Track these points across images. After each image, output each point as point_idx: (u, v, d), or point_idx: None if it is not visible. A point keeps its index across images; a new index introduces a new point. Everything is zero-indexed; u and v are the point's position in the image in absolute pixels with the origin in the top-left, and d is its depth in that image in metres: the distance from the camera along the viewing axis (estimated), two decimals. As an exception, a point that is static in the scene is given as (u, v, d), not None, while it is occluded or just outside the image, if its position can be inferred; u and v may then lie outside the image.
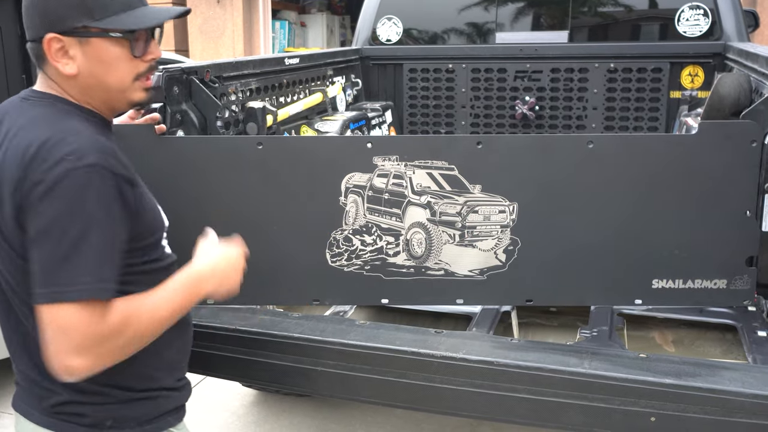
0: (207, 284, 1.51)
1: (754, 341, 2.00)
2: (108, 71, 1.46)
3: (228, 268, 1.57)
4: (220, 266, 1.56)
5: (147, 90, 1.54)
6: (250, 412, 3.62)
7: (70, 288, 1.27)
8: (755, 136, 1.90)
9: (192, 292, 1.48)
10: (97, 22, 1.42)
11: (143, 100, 1.55)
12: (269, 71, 3.22)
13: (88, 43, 1.43)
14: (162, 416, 1.52)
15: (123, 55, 1.46)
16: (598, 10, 4.35)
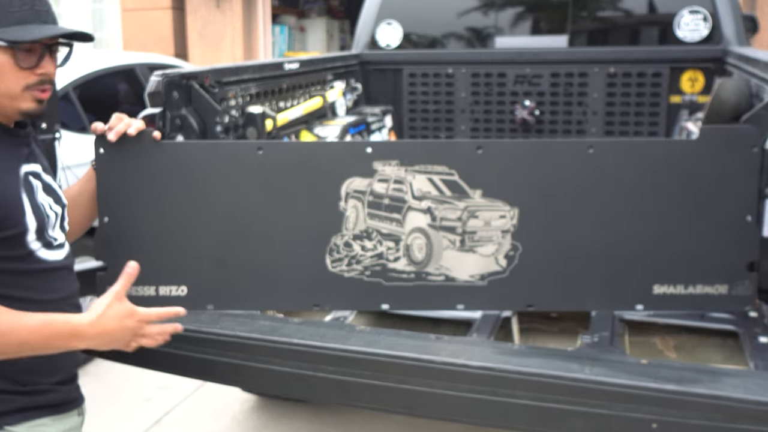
0: (82, 342, 1.49)
1: (755, 347, 1.99)
2: None
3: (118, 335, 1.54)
4: (109, 332, 1.52)
5: (39, 101, 1.55)
6: (250, 417, 3.61)
7: None
8: (755, 141, 1.90)
9: (52, 341, 1.47)
10: None
11: (33, 110, 1.56)
12: (269, 76, 3.22)
13: None
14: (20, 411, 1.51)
15: (8, 63, 1.49)
16: (598, 15, 4.35)
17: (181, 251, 2.02)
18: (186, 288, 2.00)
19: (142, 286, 1.98)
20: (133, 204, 2.00)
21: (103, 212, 1.97)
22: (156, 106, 2.38)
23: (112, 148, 1.93)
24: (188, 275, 2.01)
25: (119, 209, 1.98)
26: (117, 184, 1.97)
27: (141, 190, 1.99)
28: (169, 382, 3.83)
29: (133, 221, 2.00)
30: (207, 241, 2.02)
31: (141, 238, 2.01)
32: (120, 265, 1.94)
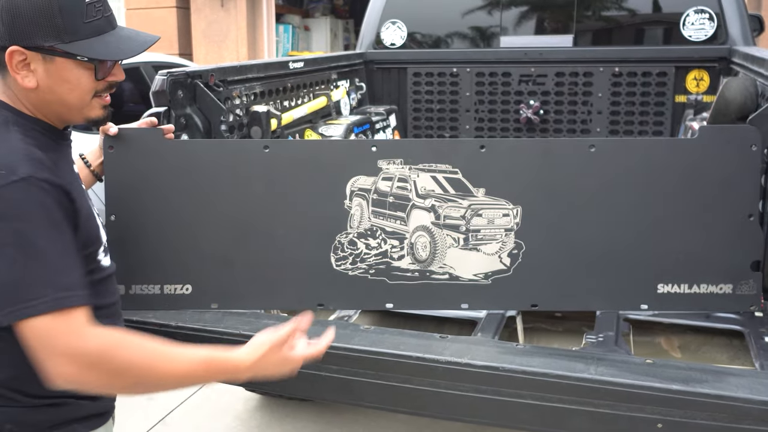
0: (233, 376, 1.47)
1: (761, 347, 1.98)
2: (69, 90, 1.46)
3: (272, 373, 1.52)
4: (265, 371, 1.51)
5: (104, 107, 1.54)
6: (254, 416, 3.61)
7: (35, 302, 1.28)
8: (754, 140, 1.90)
9: (214, 376, 1.48)
10: (66, 45, 1.42)
11: (100, 117, 1.55)
12: (273, 75, 3.22)
13: (52, 61, 1.43)
14: (68, 423, 1.48)
15: (86, 77, 1.47)
16: (603, 14, 4.34)
17: (186, 250, 2.02)
18: (190, 287, 2.00)
19: (147, 284, 1.98)
20: (140, 202, 2.00)
21: (110, 210, 1.98)
22: (161, 105, 2.37)
23: (120, 147, 1.94)
24: (193, 274, 2.01)
25: (127, 207, 1.99)
26: (124, 183, 1.97)
27: (148, 188, 1.99)
28: (173, 380, 3.83)
29: (139, 219, 2.00)
30: (212, 240, 2.02)
31: (147, 237, 2.01)
32: (126, 263, 1.95)
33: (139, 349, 1.38)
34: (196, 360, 1.41)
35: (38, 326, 1.29)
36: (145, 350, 1.38)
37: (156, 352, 1.39)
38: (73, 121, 1.53)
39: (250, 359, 1.47)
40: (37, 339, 1.30)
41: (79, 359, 1.31)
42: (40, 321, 1.28)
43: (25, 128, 1.44)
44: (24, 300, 1.28)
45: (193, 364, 1.41)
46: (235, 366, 1.46)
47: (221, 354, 1.45)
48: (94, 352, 1.32)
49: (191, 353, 1.41)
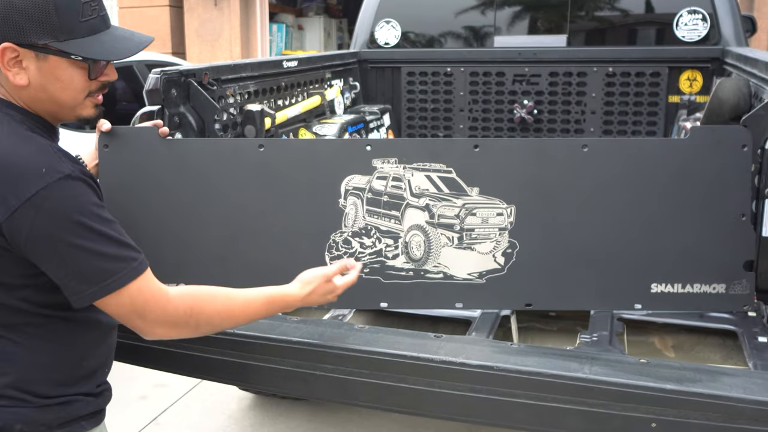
0: (289, 308, 1.71)
1: (754, 347, 1.99)
2: (62, 89, 1.46)
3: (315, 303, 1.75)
4: (311, 302, 1.73)
5: (96, 106, 1.55)
6: (247, 415, 3.61)
7: (117, 276, 1.40)
8: (745, 141, 1.91)
9: (273, 311, 1.68)
10: (60, 44, 1.41)
11: (91, 116, 1.55)
12: (267, 74, 3.21)
13: (45, 59, 1.42)
14: (75, 421, 1.51)
15: (79, 76, 1.46)
16: (597, 15, 4.35)
17: (181, 248, 2.02)
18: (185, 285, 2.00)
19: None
20: (135, 200, 2.00)
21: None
22: (154, 103, 2.37)
23: (116, 145, 1.93)
24: (188, 272, 2.01)
25: (121, 206, 1.98)
26: (120, 181, 1.96)
27: (143, 187, 1.99)
28: (165, 380, 3.83)
29: (134, 218, 1.99)
30: (207, 238, 2.02)
31: (142, 235, 1.99)
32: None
33: (216, 300, 1.57)
34: (261, 299, 1.63)
35: (121, 298, 1.42)
36: (220, 300, 1.57)
37: (229, 300, 1.58)
38: (64, 120, 1.53)
39: (302, 293, 1.70)
40: (122, 309, 1.44)
41: (168, 321, 1.48)
42: (122, 293, 1.41)
43: (30, 125, 1.45)
44: (102, 279, 1.39)
45: (259, 303, 1.62)
46: (292, 299, 1.68)
47: (278, 291, 1.67)
48: (184, 312, 1.50)
49: (255, 294, 1.62)
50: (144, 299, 1.44)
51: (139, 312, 1.45)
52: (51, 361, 1.47)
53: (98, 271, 1.39)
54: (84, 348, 1.52)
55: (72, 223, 1.36)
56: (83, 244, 1.37)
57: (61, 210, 1.35)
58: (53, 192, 1.34)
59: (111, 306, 1.43)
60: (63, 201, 1.35)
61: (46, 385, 1.46)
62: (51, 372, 1.47)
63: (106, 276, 1.40)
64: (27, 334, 1.45)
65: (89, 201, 1.40)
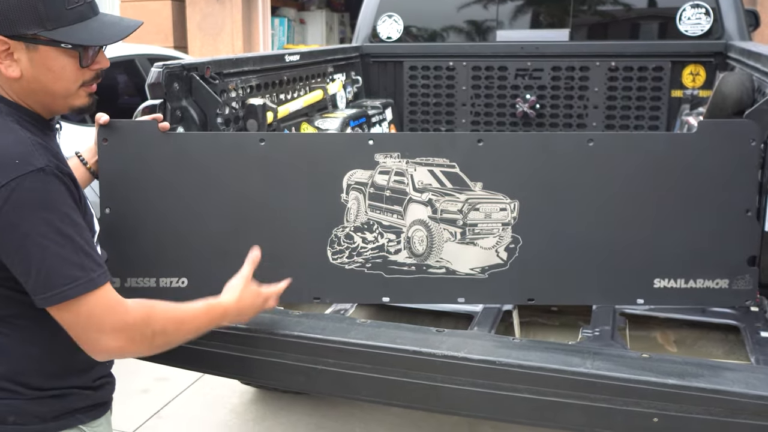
0: (227, 319, 1.72)
1: (756, 342, 1.99)
2: (54, 79, 1.45)
3: (250, 311, 1.77)
4: (244, 309, 1.75)
5: (90, 95, 1.54)
6: (249, 409, 3.61)
7: (72, 285, 1.35)
8: (754, 135, 1.90)
9: (213, 321, 1.66)
10: (49, 32, 1.41)
11: (85, 105, 1.55)
12: (270, 68, 3.21)
13: (35, 49, 1.42)
14: (70, 413, 1.50)
15: (71, 64, 1.46)
16: (599, 9, 4.34)
17: (181, 242, 2.02)
18: (186, 280, 2.00)
19: (143, 277, 1.97)
20: (134, 195, 1.99)
21: (105, 203, 1.97)
22: (157, 97, 2.36)
23: (115, 139, 1.93)
24: (188, 267, 2.01)
25: (121, 200, 1.98)
26: (119, 175, 1.96)
27: (143, 181, 1.98)
28: (167, 373, 3.83)
29: (134, 212, 1.99)
30: (208, 233, 2.01)
31: (142, 229, 2.00)
32: (121, 256, 1.94)
33: (168, 309, 1.54)
34: (202, 307, 1.62)
35: (79, 307, 1.37)
36: (170, 308, 1.54)
37: (178, 308, 1.56)
38: (58, 111, 1.53)
39: (232, 299, 1.70)
40: (79, 319, 1.38)
41: (126, 332, 1.43)
42: (80, 302, 1.37)
43: (17, 118, 1.44)
44: (60, 285, 1.35)
45: (201, 311, 1.61)
46: (225, 305, 1.68)
47: (214, 301, 1.66)
48: (138, 323, 1.45)
49: (197, 303, 1.61)
50: (102, 310, 1.39)
51: (96, 324, 1.39)
52: (42, 353, 1.46)
53: (58, 275, 1.35)
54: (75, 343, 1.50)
55: (38, 219, 1.33)
56: (46, 243, 1.33)
57: (29, 203, 1.33)
58: (23, 183, 1.32)
59: (66, 315, 1.38)
60: (32, 194, 1.33)
61: (38, 377, 1.46)
62: (43, 364, 1.46)
63: (66, 281, 1.35)
64: (17, 325, 1.44)
65: (59, 199, 1.37)
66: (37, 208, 1.33)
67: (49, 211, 1.35)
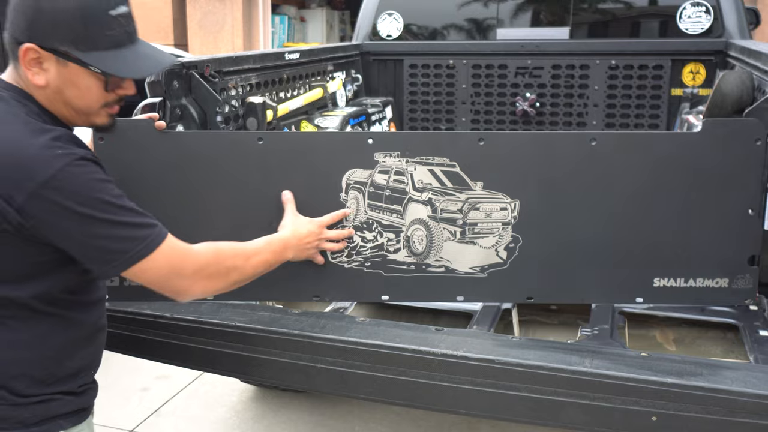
0: (290, 252, 1.81)
1: (755, 341, 1.99)
2: (78, 96, 1.47)
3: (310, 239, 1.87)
4: (303, 238, 1.85)
5: (111, 116, 1.57)
6: (249, 407, 3.62)
7: (144, 243, 1.45)
8: (759, 135, 1.89)
9: (277, 254, 1.76)
10: (81, 54, 1.43)
11: (105, 125, 1.58)
12: (269, 66, 3.21)
13: (65, 65, 1.43)
14: (53, 419, 1.50)
15: (96, 87, 1.48)
16: (600, 7, 4.34)
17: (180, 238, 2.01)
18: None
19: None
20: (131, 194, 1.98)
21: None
22: (156, 95, 2.36)
23: (111, 138, 1.92)
24: None
25: None
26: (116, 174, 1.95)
27: (140, 180, 1.98)
28: (167, 371, 3.84)
29: None
30: (206, 232, 2.01)
31: None
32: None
33: (233, 248, 1.66)
34: (262, 244, 1.74)
35: (157, 260, 1.47)
36: (235, 247, 1.67)
37: (241, 246, 1.69)
38: (77, 124, 1.55)
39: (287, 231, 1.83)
40: (161, 270, 1.49)
41: (204, 272, 1.55)
42: (158, 255, 1.46)
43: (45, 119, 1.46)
44: (137, 244, 1.44)
45: (261, 243, 1.73)
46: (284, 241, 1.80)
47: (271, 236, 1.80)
48: (211, 262, 1.57)
49: (257, 241, 1.74)
50: (178, 257, 1.51)
51: (177, 270, 1.50)
52: (31, 358, 1.46)
53: (131, 238, 1.44)
54: (67, 348, 1.51)
55: (93, 199, 1.40)
56: (108, 217, 1.41)
57: (80, 186, 1.38)
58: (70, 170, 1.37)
59: (148, 272, 1.47)
60: (79, 178, 1.38)
61: (23, 383, 1.46)
62: (30, 369, 1.46)
63: (141, 240, 1.45)
64: (9, 327, 1.44)
65: (103, 178, 1.44)
66: (88, 190, 1.39)
67: (98, 191, 1.41)
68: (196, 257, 1.54)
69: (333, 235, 1.94)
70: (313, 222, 1.90)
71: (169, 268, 1.49)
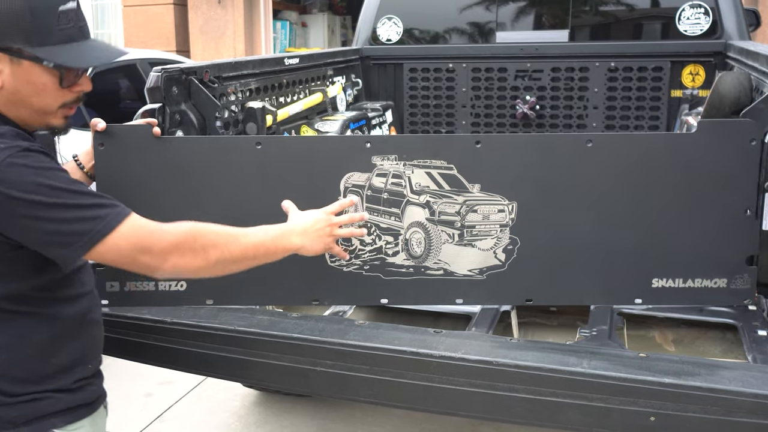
0: (295, 238, 1.71)
1: (754, 340, 1.99)
2: (34, 94, 1.47)
3: (318, 226, 1.76)
4: (309, 227, 1.75)
5: (66, 118, 1.56)
6: (251, 412, 3.62)
7: (103, 222, 1.41)
8: (755, 135, 1.89)
9: (276, 240, 1.67)
10: (33, 49, 1.43)
11: (60, 126, 1.57)
12: (269, 71, 3.22)
13: (19, 63, 1.43)
14: (44, 417, 1.49)
15: (52, 83, 1.48)
16: (599, 9, 4.34)
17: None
18: (185, 283, 2.00)
19: (142, 281, 1.98)
20: (131, 199, 1.98)
21: (102, 207, 1.97)
22: (155, 101, 2.38)
23: (111, 144, 1.93)
24: None
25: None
26: (116, 180, 1.97)
27: (140, 186, 1.99)
28: (170, 377, 3.85)
29: None
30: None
31: None
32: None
33: (214, 227, 1.58)
34: (257, 229, 1.65)
35: (119, 240, 1.42)
36: (218, 227, 1.59)
37: (227, 228, 1.60)
38: (33, 126, 1.54)
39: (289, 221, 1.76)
40: (123, 251, 1.43)
41: (174, 249, 1.48)
42: (117, 235, 1.42)
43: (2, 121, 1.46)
44: (91, 228, 1.40)
45: (255, 231, 1.64)
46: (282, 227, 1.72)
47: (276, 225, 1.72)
48: (187, 235, 1.51)
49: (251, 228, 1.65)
50: (141, 234, 1.45)
51: (141, 247, 1.45)
52: (11, 358, 1.46)
53: (86, 220, 1.40)
54: (51, 345, 1.50)
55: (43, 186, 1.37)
56: (59, 201, 1.38)
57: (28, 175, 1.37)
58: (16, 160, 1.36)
59: (110, 253, 1.43)
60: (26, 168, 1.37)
61: (6, 382, 1.45)
62: (11, 370, 1.46)
63: (96, 222, 1.41)
64: None
65: (53, 166, 1.42)
66: (36, 177, 1.37)
67: (47, 178, 1.38)
68: (164, 234, 1.49)
69: (345, 219, 1.84)
70: (320, 210, 1.81)
71: (133, 246, 1.44)
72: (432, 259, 2.01)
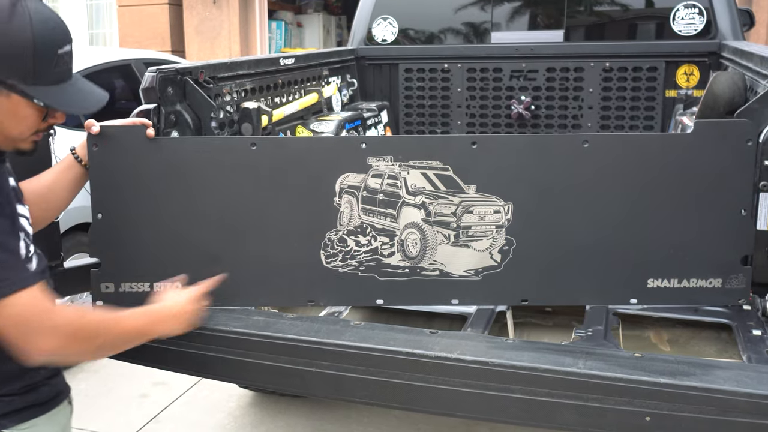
0: (164, 316, 1.73)
1: (748, 340, 1.99)
2: (14, 125, 1.50)
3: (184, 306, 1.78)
4: (176, 306, 1.76)
5: (34, 143, 1.58)
6: (247, 413, 3.62)
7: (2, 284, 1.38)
8: (750, 135, 1.90)
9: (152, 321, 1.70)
10: (27, 87, 1.45)
11: (29, 150, 1.59)
12: (264, 71, 3.22)
13: (8, 96, 1.46)
14: None
15: (34, 116, 1.51)
16: (594, 10, 4.35)
17: (175, 247, 2.02)
18: (179, 284, 2.00)
19: (136, 282, 1.98)
20: (126, 200, 2.00)
21: (96, 209, 1.97)
22: (151, 101, 2.37)
23: (105, 144, 1.93)
24: (182, 271, 2.01)
25: (113, 206, 1.98)
26: (110, 181, 1.97)
27: (134, 187, 1.99)
28: (165, 378, 3.84)
29: (126, 218, 2.00)
30: (201, 237, 2.02)
31: (135, 235, 2.01)
32: (114, 262, 1.95)
33: (101, 313, 1.60)
34: (137, 310, 1.66)
35: (11, 307, 1.39)
36: (104, 312, 1.59)
37: (110, 313, 1.59)
38: (3, 149, 1.55)
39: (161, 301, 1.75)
40: (13, 318, 1.40)
41: (60, 331, 1.44)
42: (9, 302, 1.38)
43: None
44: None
45: (136, 312, 1.65)
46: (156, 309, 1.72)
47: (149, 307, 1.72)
48: (70, 323, 1.47)
49: (132, 309, 1.65)
50: (33, 310, 1.41)
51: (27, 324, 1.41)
52: None
53: None
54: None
55: None
56: None
57: None
58: None
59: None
60: None
61: None
62: None
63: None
64: None
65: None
66: None
67: None
68: (52, 314, 1.44)
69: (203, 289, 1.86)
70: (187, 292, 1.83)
71: (18, 319, 1.40)
72: (428, 260, 2.01)
